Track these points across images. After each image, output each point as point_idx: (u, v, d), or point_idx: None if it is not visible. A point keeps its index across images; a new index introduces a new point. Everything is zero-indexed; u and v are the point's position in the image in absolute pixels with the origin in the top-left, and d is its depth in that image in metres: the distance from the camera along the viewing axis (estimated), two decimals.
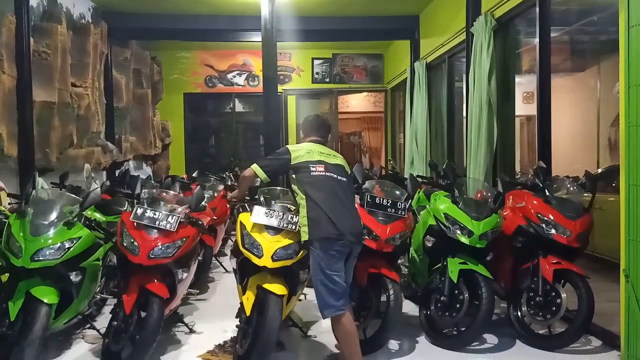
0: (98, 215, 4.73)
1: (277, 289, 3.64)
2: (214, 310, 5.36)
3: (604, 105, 10.20)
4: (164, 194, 4.35)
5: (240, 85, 12.08)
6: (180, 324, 4.71)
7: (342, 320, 3.52)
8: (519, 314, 4.32)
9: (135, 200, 4.05)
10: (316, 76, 12.03)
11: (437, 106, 8.96)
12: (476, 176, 6.01)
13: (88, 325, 4.57)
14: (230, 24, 9.31)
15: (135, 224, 3.87)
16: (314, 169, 3.68)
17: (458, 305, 4.16)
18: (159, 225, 3.83)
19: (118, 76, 9.19)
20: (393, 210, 4.20)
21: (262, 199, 4.04)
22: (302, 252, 3.84)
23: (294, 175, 3.72)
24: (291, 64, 12.02)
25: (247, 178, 3.84)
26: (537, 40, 5.34)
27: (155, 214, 3.87)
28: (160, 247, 3.81)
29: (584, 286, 4.04)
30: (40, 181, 6.31)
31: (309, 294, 5.16)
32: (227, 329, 4.66)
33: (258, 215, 3.84)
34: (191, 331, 4.62)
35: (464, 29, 6.95)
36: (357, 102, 13.84)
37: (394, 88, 11.83)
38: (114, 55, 9.10)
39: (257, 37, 9.51)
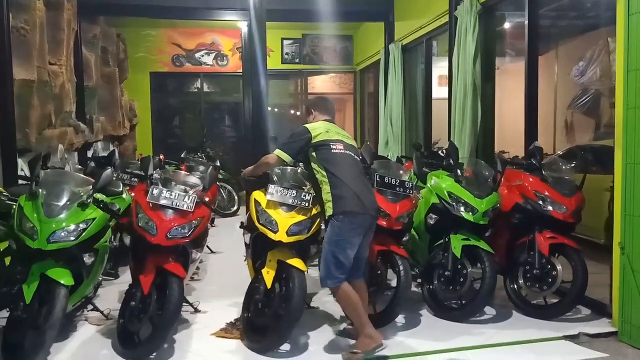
0: (98, 196, 4.65)
1: (299, 263, 3.79)
2: (211, 290, 5.40)
3: (561, 88, 10.65)
4: (175, 174, 4.33)
5: (208, 64, 11.91)
6: (184, 303, 4.71)
7: (343, 288, 3.63)
8: (515, 286, 4.56)
9: (148, 181, 4.01)
10: (286, 56, 11.99)
11: (412, 88, 9.15)
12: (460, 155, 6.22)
13: (91, 308, 4.53)
14: (203, 2, 9.14)
15: (150, 204, 3.84)
16: (334, 146, 3.78)
17: (462, 279, 4.35)
18: (177, 206, 3.82)
19: (87, 54, 8.91)
20: (401, 189, 4.34)
21: (275, 178, 4.11)
22: (314, 227, 3.99)
23: (314, 153, 3.78)
24: None
25: (271, 164, 3.89)
26: (526, 22, 5.54)
27: (171, 195, 3.86)
28: (177, 227, 3.81)
29: (578, 259, 4.30)
30: (20, 163, 6.14)
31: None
32: (230, 307, 4.74)
33: (273, 193, 3.95)
34: (196, 310, 4.65)
35: (446, 12, 7.11)
36: (322, 84, 13.86)
37: (363, 70, 11.94)
38: (82, 32, 8.79)
39: (229, 16, 9.52)
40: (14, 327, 3.58)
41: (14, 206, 4.13)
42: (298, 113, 12.67)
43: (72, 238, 3.66)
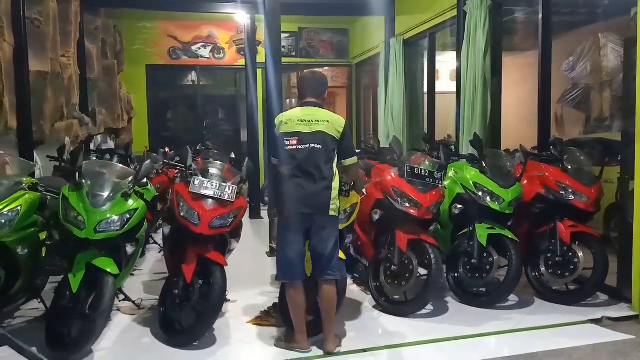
0: None
1: (340, 253, 3.87)
2: (234, 280, 5.37)
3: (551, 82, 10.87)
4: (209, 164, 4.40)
5: (205, 57, 11.86)
6: None
7: (288, 288, 3.68)
8: (537, 273, 4.72)
9: (189, 172, 4.06)
10: (282, 50, 11.97)
11: (413, 82, 9.29)
12: (469, 148, 6.38)
13: (122, 298, 4.56)
14: None
15: (192, 195, 3.90)
16: (287, 142, 3.64)
17: (488, 267, 4.50)
18: (219, 196, 3.88)
19: (89, 46, 8.85)
20: (431, 179, 4.46)
21: None
22: (352, 218, 4.12)
23: None
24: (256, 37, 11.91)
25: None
26: (540, 16, 5.72)
27: (213, 185, 3.92)
28: (219, 217, 3.87)
29: (598, 246, 4.49)
30: (34, 155, 6.11)
31: None
32: (257, 295, 4.92)
33: None
34: (226, 300, 4.70)
35: (451, 7, 7.26)
36: None
37: (360, 63, 12.03)
38: (85, 24, 8.72)
39: (232, 9, 9.57)
40: (60, 317, 3.62)
41: (49, 197, 4.18)
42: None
43: (118, 228, 3.70)
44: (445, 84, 9.19)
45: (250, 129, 9.93)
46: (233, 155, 6.43)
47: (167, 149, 8.21)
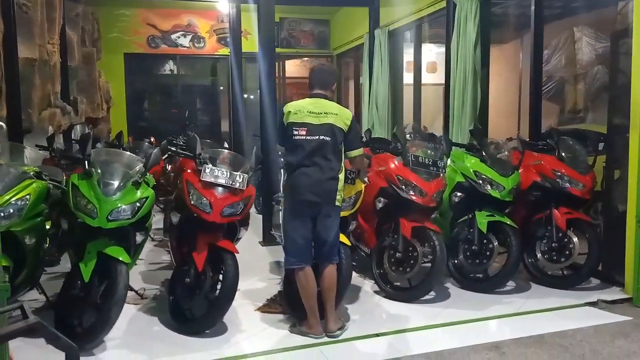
0: None
1: (344, 239, 3.99)
2: None
3: (526, 76, 11.09)
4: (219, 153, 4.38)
5: (185, 46, 11.73)
6: None
7: (298, 274, 3.74)
8: (533, 259, 4.86)
9: (198, 160, 4.03)
10: None
11: (395, 73, 9.37)
12: (460, 139, 6.51)
13: None
14: None
15: (202, 183, 3.88)
16: (296, 132, 3.71)
17: (488, 253, 4.62)
18: (232, 185, 3.88)
19: (70, 33, 8.64)
20: (434, 168, 4.54)
21: None
22: (356, 205, 4.19)
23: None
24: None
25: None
26: (532, 8, 5.85)
27: (224, 173, 3.91)
28: (230, 205, 3.87)
29: (593, 232, 4.65)
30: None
31: None
32: (259, 282, 4.97)
33: None
34: None
35: None
36: (294, 68, 13.87)
37: (341, 54, 12.06)
38: (66, 11, 8.51)
39: None
40: (71, 306, 3.59)
41: (51, 186, 4.10)
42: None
43: (130, 216, 3.67)
44: (422, 76, 9.31)
45: (235, 119, 9.87)
46: (226, 145, 6.40)
47: (152, 139, 8.11)
